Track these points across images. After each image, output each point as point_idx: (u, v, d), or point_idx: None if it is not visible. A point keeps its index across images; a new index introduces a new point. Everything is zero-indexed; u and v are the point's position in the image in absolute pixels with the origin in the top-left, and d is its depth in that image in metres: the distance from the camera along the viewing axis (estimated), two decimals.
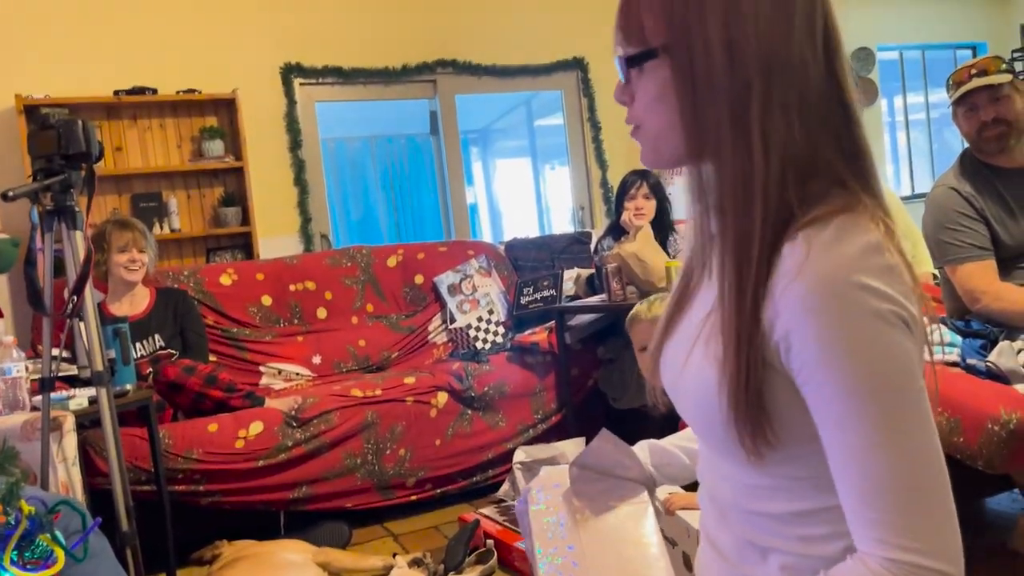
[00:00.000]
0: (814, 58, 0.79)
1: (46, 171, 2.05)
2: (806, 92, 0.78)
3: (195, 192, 4.61)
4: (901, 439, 0.72)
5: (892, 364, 0.71)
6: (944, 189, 2.49)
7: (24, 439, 2.14)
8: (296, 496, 2.92)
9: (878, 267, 0.71)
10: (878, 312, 0.71)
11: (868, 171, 0.81)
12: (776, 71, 0.77)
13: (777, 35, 0.77)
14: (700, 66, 0.78)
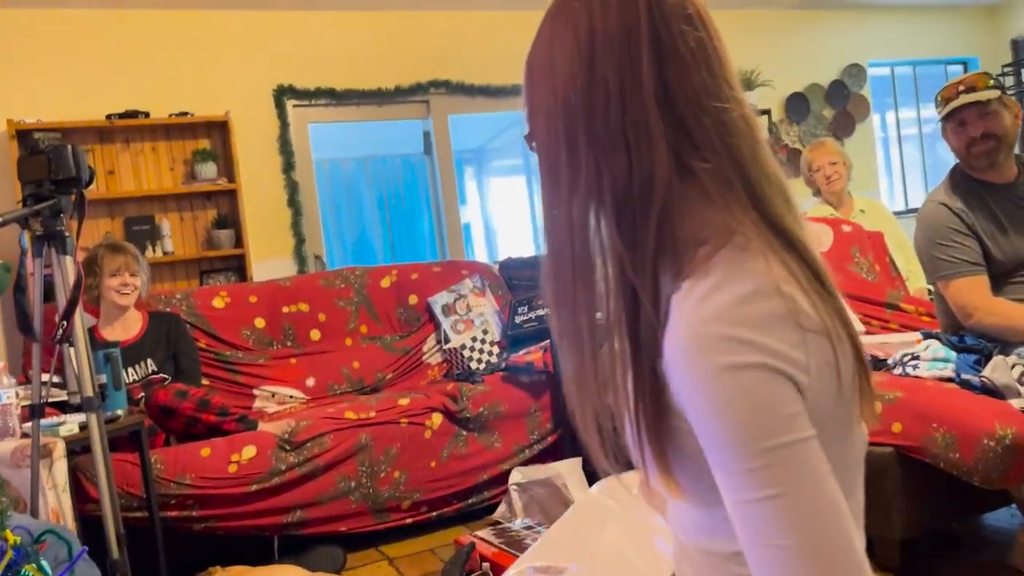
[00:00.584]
0: (655, 121, 0.78)
1: (36, 196, 2.04)
2: (621, 127, 0.78)
3: (188, 215, 4.60)
4: (773, 495, 0.68)
5: (755, 417, 0.68)
6: (935, 205, 2.49)
7: (14, 466, 2.12)
8: (290, 520, 2.90)
9: (750, 317, 0.69)
10: (742, 365, 0.68)
11: (764, 202, 0.78)
12: (608, 148, 0.78)
13: (598, 114, 0.78)
14: (541, 144, 0.82)
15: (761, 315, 0.70)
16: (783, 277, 0.72)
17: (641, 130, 0.77)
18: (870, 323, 3.07)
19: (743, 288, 0.71)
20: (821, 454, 0.69)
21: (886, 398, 2.29)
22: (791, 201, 0.81)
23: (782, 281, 0.72)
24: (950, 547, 2.51)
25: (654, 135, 0.76)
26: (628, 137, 0.77)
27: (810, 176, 3.84)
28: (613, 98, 0.77)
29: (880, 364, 2.50)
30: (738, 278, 0.72)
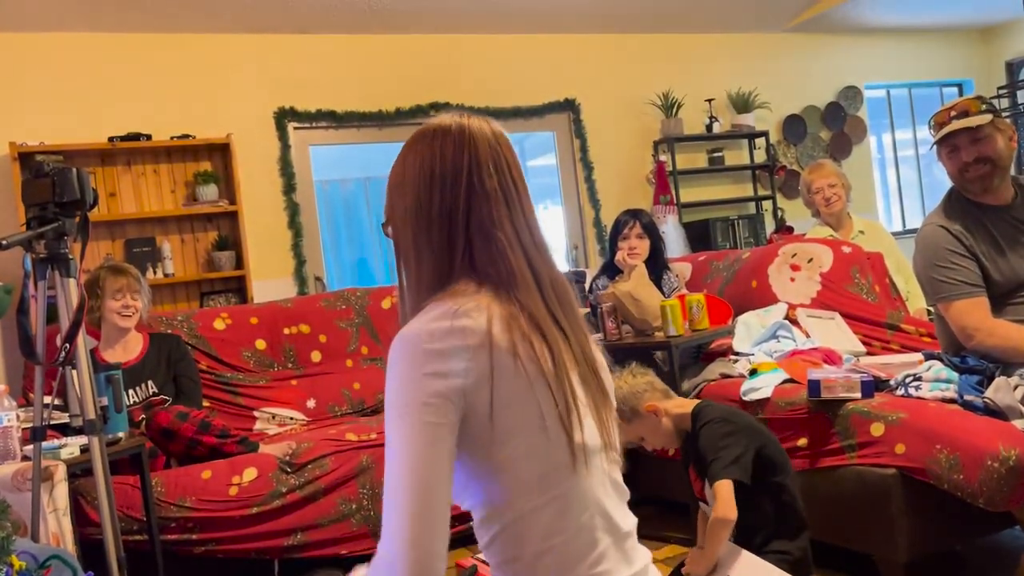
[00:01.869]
0: (444, 219, 1.12)
1: (40, 219, 2.05)
2: (437, 237, 1.12)
3: (189, 236, 4.61)
4: (390, 453, 1.00)
5: (399, 397, 1.00)
6: (933, 227, 2.50)
7: (14, 489, 2.11)
8: (291, 543, 2.88)
9: (435, 329, 1.02)
10: (411, 356, 1.01)
11: (494, 279, 1.10)
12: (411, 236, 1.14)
13: (412, 216, 1.14)
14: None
15: (442, 328, 1.02)
16: (480, 314, 1.05)
17: (449, 242, 1.11)
18: (871, 344, 3.07)
19: (440, 310, 1.05)
20: (440, 439, 0.99)
21: (889, 419, 2.29)
22: (537, 272, 1.13)
23: (473, 316, 1.04)
24: (954, 569, 2.50)
25: (456, 246, 1.11)
26: (439, 244, 1.11)
27: (809, 198, 3.86)
28: (435, 216, 1.11)
29: (882, 385, 2.50)
30: (441, 307, 1.05)
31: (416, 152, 1.16)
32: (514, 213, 1.14)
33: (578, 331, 1.15)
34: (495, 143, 1.16)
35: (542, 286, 1.13)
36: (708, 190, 6.03)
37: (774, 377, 2.74)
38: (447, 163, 1.13)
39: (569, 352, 1.10)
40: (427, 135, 1.17)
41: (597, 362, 1.18)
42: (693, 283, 3.76)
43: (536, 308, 1.09)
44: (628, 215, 3.59)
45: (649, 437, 2.32)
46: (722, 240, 5.63)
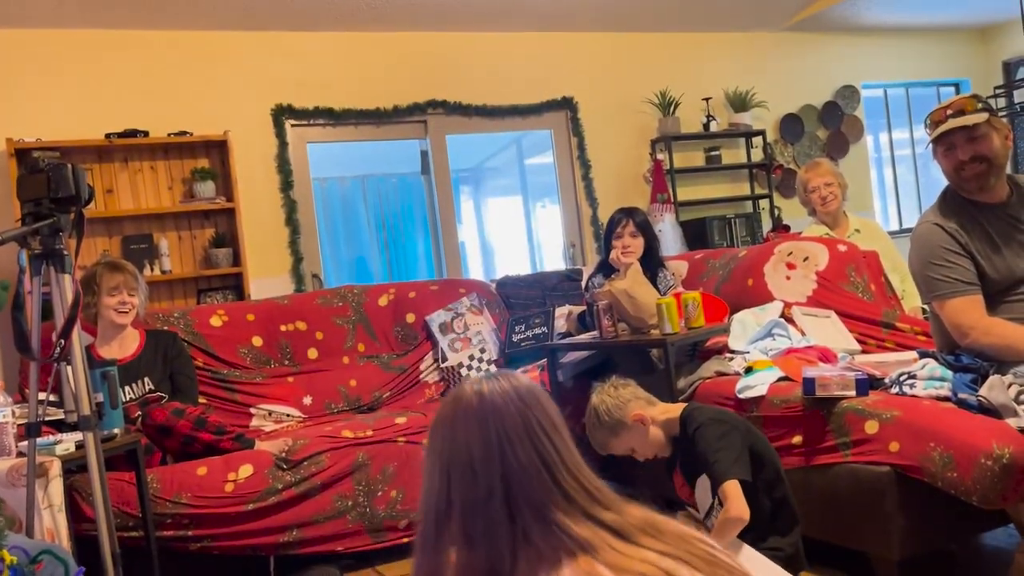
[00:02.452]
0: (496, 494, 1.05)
1: (35, 215, 2.05)
2: (479, 526, 1.05)
3: (186, 233, 4.61)
4: None
5: None
6: (929, 225, 2.50)
7: (9, 485, 2.12)
8: (286, 540, 2.88)
9: None
10: None
11: (570, 551, 1.02)
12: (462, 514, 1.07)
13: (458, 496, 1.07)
14: None
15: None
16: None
17: (490, 533, 1.03)
18: (866, 342, 3.08)
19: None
20: None
21: (883, 417, 2.30)
22: (608, 523, 1.05)
23: None
24: (948, 567, 2.51)
25: (500, 541, 1.03)
26: (476, 536, 1.04)
27: (806, 196, 3.86)
28: (470, 509, 1.04)
29: (877, 383, 2.51)
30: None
31: (442, 435, 1.09)
32: (561, 478, 1.06)
33: (679, 542, 1.05)
34: (521, 406, 1.09)
35: (623, 533, 1.05)
36: (705, 189, 6.04)
37: (769, 375, 2.75)
38: (474, 444, 1.06)
39: (683, 566, 1.01)
40: (448, 413, 1.10)
41: (711, 549, 1.08)
42: (689, 281, 3.77)
43: (626, 560, 1.00)
44: (622, 213, 3.59)
45: (639, 447, 2.31)
46: (719, 239, 5.64)
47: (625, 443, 2.31)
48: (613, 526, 1.05)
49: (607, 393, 2.32)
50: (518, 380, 1.13)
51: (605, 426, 2.28)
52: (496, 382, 1.11)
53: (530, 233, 6.39)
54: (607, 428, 2.28)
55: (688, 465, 2.29)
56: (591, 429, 2.32)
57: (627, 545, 1.03)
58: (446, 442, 1.08)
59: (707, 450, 2.14)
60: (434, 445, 1.10)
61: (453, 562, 1.08)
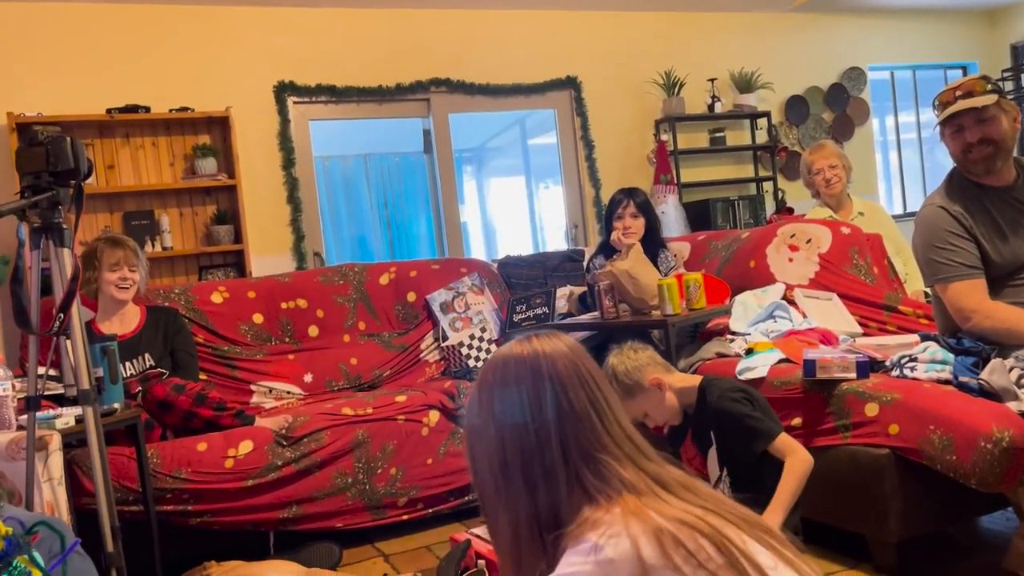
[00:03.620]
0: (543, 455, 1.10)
1: (34, 188, 2.04)
2: (539, 473, 1.09)
3: (187, 210, 4.60)
4: None
5: None
6: (933, 208, 2.49)
7: (9, 458, 2.12)
8: (286, 516, 2.89)
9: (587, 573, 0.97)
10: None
11: (617, 494, 1.06)
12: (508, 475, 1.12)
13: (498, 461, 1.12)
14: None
15: (593, 569, 0.97)
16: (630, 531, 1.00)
17: (549, 480, 1.08)
18: (867, 325, 3.07)
19: (575, 558, 1.00)
20: None
21: (883, 400, 2.29)
22: (651, 472, 1.10)
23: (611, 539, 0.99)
24: (946, 550, 2.51)
25: (559, 480, 1.08)
26: (542, 484, 1.09)
27: (809, 179, 3.84)
28: (530, 455, 1.09)
29: (877, 366, 2.50)
30: (575, 556, 1.00)
31: (492, 393, 1.13)
32: (609, 424, 1.12)
33: (725, 504, 1.09)
34: (572, 356, 1.13)
35: (665, 484, 1.09)
36: (709, 170, 6.01)
37: (770, 357, 2.74)
38: (529, 395, 1.10)
39: (728, 525, 1.03)
40: (498, 368, 1.14)
41: (761, 521, 1.12)
42: (691, 262, 3.76)
43: (670, 508, 1.03)
44: (622, 194, 3.57)
45: (653, 412, 2.31)
46: (722, 221, 5.62)
47: (639, 406, 2.30)
48: (656, 477, 1.09)
49: (626, 355, 2.31)
50: (566, 336, 1.17)
51: (622, 387, 2.26)
52: (545, 337, 1.15)
53: (532, 214, 6.38)
54: (624, 389, 2.26)
55: (702, 436, 2.29)
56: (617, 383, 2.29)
57: (669, 495, 1.07)
58: (496, 394, 1.11)
59: (739, 415, 2.16)
60: (483, 400, 1.13)
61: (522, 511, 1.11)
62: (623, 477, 1.07)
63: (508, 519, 1.11)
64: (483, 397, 1.14)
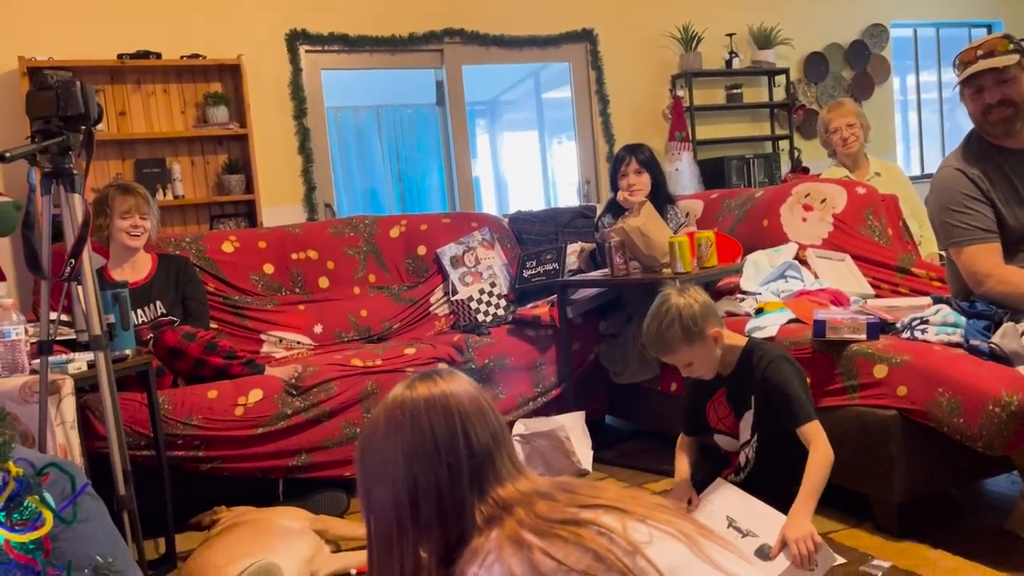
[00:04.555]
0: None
1: (44, 133, 2.03)
2: (450, 505, 1.14)
3: (199, 159, 4.59)
4: None
5: None
6: (950, 170, 2.45)
7: (22, 401, 2.15)
8: (295, 464, 2.93)
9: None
10: None
11: (500, 518, 1.11)
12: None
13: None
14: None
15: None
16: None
17: (459, 510, 1.13)
18: (880, 287, 3.05)
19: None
20: None
21: (893, 361, 2.29)
22: (531, 489, 1.16)
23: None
24: (949, 511, 2.53)
25: (467, 514, 1.12)
26: (449, 515, 1.13)
27: (826, 137, 3.78)
28: (443, 493, 1.13)
29: (888, 327, 2.49)
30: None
31: (402, 432, 1.15)
32: (503, 457, 1.17)
33: (597, 494, 1.14)
34: (474, 392, 1.19)
35: (544, 495, 1.14)
36: (725, 128, 5.93)
37: (780, 316, 2.73)
38: (440, 430, 1.14)
39: (607, 512, 1.09)
40: (407, 408, 1.16)
41: (654, 498, 1.18)
42: (704, 221, 3.73)
43: (545, 522, 1.08)
44: (625, 151, 3.54)
45: (699, 362, 2.27)
46: (736, 179, 5.57)
47: (691, 354, 2.24)
48: (536, 491, 1.15)
49: (693, 297, 2.23)
50: (458, 372, 1.23)
51: (684, 330, 2.19)
52: (444, 376, 1.20)
53: (545, 169, 6.33)
54: (684, 332, 2.19)
55: (741, 398, 2.30)
56: (661, 328, 2.21)
57: (550, 503, 1.12)
58: (407, 433, 1.14)
59: (787, 387, 2.17)
60: (390, 439, 1.15)
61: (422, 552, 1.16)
62: (509, 503, 1.12)
63: (410, 559, 1.15)
64: (390, 437, 1.16)
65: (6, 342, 2.28)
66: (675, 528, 1.09)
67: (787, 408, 2.16)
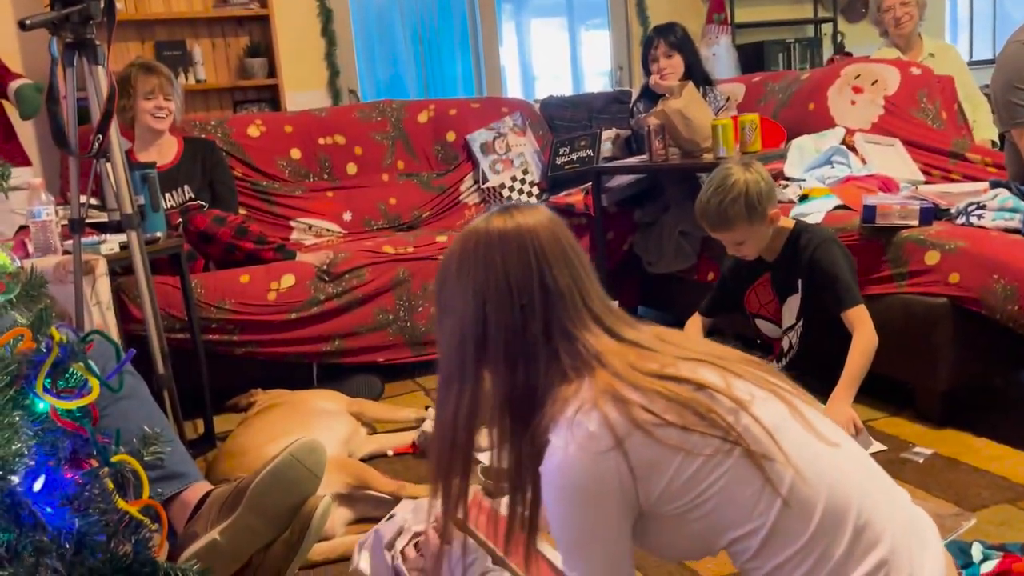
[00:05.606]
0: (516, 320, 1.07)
1: (64, 0, 1.93)
2: (520, 351, 1.07)
3: (220, 41, 4.45)
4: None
5: (568, 534, 1.05)
6: (1019, 45, 2.31)
7: (57, 281, 2.13)
8: (329, 349, 2.93)
9: (571, 460, 1.00)
10: (562, 495, 1.02)
11: (590, 368, 1.05)
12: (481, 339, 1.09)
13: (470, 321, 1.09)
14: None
15: (574, 457, 1.00)
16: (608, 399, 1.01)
17: (531, 356, 1.06)
18: (931, 173, 2.93)
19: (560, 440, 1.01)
20: (621, 555, 1.03)
21: (946, 247, 2.20)
22: (628, 338, 1.10)
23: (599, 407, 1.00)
24: (993, 401, 2.49)
25: (538, 360, 1.06)
26: (519, 360, 1.07)
27: (879, 16, 3.57)
28: (511, 336, 1.06)
29: (941, 213, 2.39)
30: (560, 438, 1.02)
31: (474, 268, 1.08)
32: (589, 299, 1.09)
33: (709, 346, 1.11)
34: (554, 229, 1.10)
35: (642, 346, 1.08)
36: (765, 10, 5.64)
37: (826, 203, 2.64)
38: (512, 268, 1.06)
39: (704, 364, 1.05)
40: (480, 243, 1.08)
41: (746, 355, 1.12)
42: (746, 105, 3.57)
43: (642, 375, 1.03)
44: (654, 32, 3.39)
45: (752, 242, 2.21)
46: (775, 65, 5.33)
47: (747, 232, 2.17)
48: (634, 341, 1.09)
49: (760, 175, 2.13)
50: (541, 207, 1.14)
51: (748, 207, 2.11)
52: (522, 210, 1.11)
53: (574, 56, 6.10)
54: (748, 210, 2.11)
55: (786, 282, 2.24)
56: (724, 203, 2.12)
57: (647, 355, 1.07)
58: (479, 269, 1.08)
59: (834, 268, 2.14)
60: (463, 274, 1.09)
61: (487, 388, 1.11)
62: (598, 351, 1.06)
63: (468, 400, 1.10)
64: (463, 272, 1.09)
65: (37, 222, 2.25)
66: (773, 388, 1.05)
67: (833, 291, 2.12)
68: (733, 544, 1.02)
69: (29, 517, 0.90)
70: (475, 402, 1.10)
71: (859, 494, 1.01)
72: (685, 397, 1.01)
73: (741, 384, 1.04)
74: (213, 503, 1.52)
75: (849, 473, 1.03)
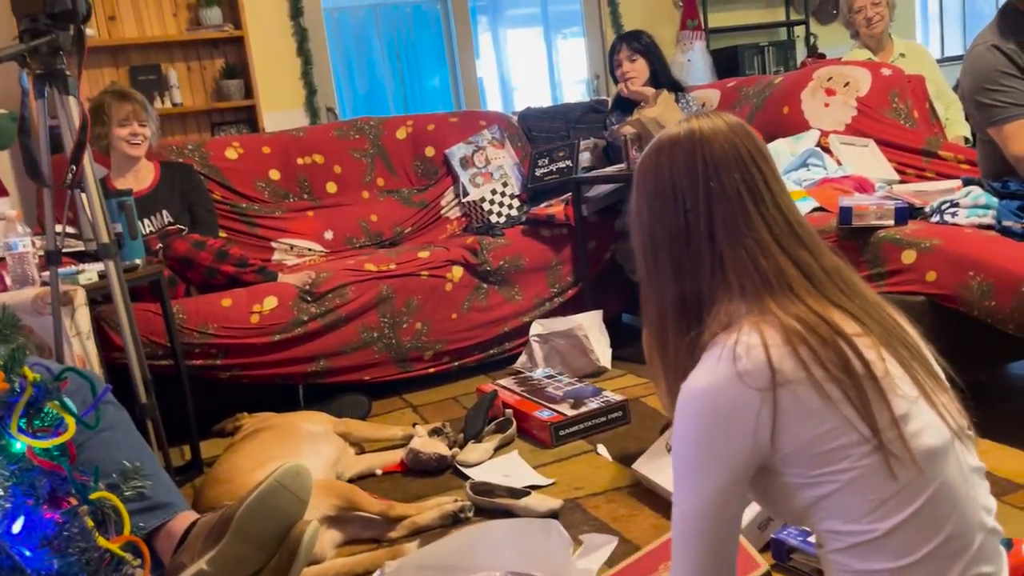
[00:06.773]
0: (690, 232, 1.06)
1: (32, 31, 1.92)
2: (686, 256, 1.07)
3: (195, 64, 4.44)
4: (679, 509, 1.03)
5: (691, 457, 1.01)
6: (984, 48, 2.33)
7: (35, 313, 2.11)
8: (314, 369, 2.92)
9: (718, 384, 0.97)
10: (698, 419, 1.00)
11: (756, 286, 1.03)
12: (660, 250, 1.10)
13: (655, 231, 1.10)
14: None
15: (722, 383, 0.98)
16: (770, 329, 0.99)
17: (694, 261, 1.06)
18: (905, 171, 2.96)
19: (712, 361, 1.00)
20: (731, 499, 1.01)
21: (921, 246, 2.22)
22: (802, 262, 1.04)
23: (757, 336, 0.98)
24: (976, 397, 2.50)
25: (703, 262, 1.05)
26: (685, 265, 1.07)
27: (850, 17, 3.61)
28: (676, 235, 1.06)
29: (916, 212, 2.41)
30: (714, 352, 1.00)
31: (646, 176, 1.10)
32: (764, 207, 1.04)
33: (876, 311, 1.05)
34: (730, 135, 1.06)
35: (814, 279, 1.04)
36: (738, 15, 5.69)
37: (803, 206, 2.66)
38: (679, 173, 1.06)
39: (872, 340, 1.00)
40: (654, 152, 1.09)
41: (909, 336, 1.09)
42: (721, 111, 3.60)
43: (814, 307, 1.00)
44: (617, 40, 3.42)
45: None
46: (750, 69, 5.38)
47: None
48: (805, 268, 1.04)
49: None
50: (727, 114, 1.11)
51: None
52: (705, 116, 1.10)
53: (551, 66, 6.13)
54: None
55: None
56: None
57: (813, 292, 1.03)
58: (650, 175, 1.09)
59: None
60: (640, 183, 1.11)
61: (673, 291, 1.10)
62: (769, 266, 1.02)
63: (656, 304, 1.11)
64: (639, 180, 1.11)
65: (14, 254, 2.24)
66: (941, 413, 1.04)
67: None
68: (831, 536, 0.99)
69: (7, 560, 0.89)
70: (676, 301, 1.09)
71: (983, 533, 0.99)
72: (859, 376, 0.96)
73: (913, 393, 1.01)
74: (199, 532, 1.51)
75: (977, 511, 1.01)
